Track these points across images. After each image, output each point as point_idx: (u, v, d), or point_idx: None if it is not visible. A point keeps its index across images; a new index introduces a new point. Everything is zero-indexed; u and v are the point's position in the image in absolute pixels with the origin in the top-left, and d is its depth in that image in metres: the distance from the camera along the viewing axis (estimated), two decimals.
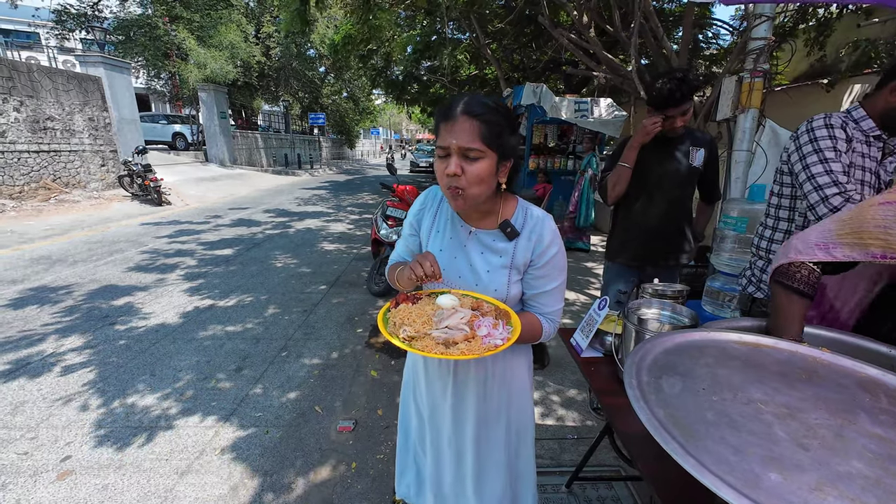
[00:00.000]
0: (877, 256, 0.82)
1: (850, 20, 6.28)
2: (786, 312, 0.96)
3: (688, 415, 0.71)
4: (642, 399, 0.73)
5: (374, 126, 37.57)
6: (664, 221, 1.92)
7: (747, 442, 0.64)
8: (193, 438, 2.10)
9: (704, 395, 0.75)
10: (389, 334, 0.84)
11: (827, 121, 1.27)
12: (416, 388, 1.12)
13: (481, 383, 0.98)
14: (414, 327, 0.85)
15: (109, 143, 9.46)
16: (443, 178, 0.86)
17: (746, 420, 0.69)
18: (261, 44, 16.29)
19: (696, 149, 1.89)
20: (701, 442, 0.65)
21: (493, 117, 0.83)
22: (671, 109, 1.71)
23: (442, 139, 0.84)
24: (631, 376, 0.79)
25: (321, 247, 6.01)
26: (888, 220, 0.84)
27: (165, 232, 6.57)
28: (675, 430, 0.67)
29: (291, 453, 2.03)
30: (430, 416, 1.06)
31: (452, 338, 0.80)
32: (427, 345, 0.80)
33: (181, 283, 4.32)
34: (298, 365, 2.83)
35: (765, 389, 0.75)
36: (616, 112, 6.61)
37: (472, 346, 0.79)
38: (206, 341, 3.11)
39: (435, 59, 8.91)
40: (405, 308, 0.90)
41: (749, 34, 3.48)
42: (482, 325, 0.83)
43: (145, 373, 2.67)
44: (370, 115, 26.92)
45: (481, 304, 0.88)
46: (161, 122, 15.00)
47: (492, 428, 1.00)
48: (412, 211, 1.06)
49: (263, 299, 3.96)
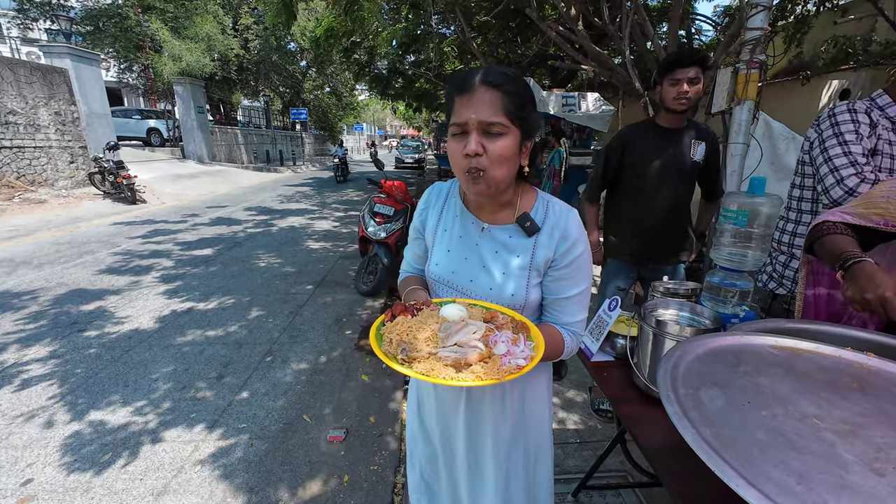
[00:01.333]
0: (879, 224, 0.90)
1: (827, 17, 6.40)
2: (836, 247, 0.89)
3: (736, 434, 0.62)
4: (685, 416, 0.64)
5: (357, 122, 37.06)
6: (664, 216, 1.85)
7: (811, 466, 0.56)
8: (171, 455, 1.95)
9: (751, 410, 0.67)
10: (385, 354, 0.69)
11: (850, 106, 1.23)
12: (421, 408, 1.01)
13: (498, 402, 0.88)
14: (415, 345, 0.69)
15: (78, 138, 9.00)
16: (459, 160, 0.74)
17: (804, 439, 0.61)
18: (239, 36, 15.77)
19: (697, 142, 1.82)
20: (759, 468, 0.56)
21: (516, 88, 0.73)
22: (679, 71, 1.63)
23: (458, 114, 0.73)
24: (667, 389, 0.71)
25: (306, 245, 5.82)
26: (892, 192, 0.92)
27: (140, 232, 6.27)
28: (727, 452, 0.59)
29: (278, 467, 1.90)
30: (442, 438, 0.95)
31: (465, 358, 0.66)
32: (433, 367, 0.65)
33: (157, 285, 4.10)
34: (284, 371, 2.69)
35: (817, 402, 0.67)
36: (604, 106, 6.60)
37: (490, 368, 0.65)
38: (185, 347, 2.93)
39: (420, 53, 8.75)
40: (403, 321, 0.74)
41: (736, 27, 3.48)
42: (499, 340, 0.69)
43: (117, 383, 2.49)
44: (354, 111, 26.47)
45: (496, 315, 0.75)
46: (135, 117, 14.41)
47: (511, 450, 0.90)
48: (416, 213, 0.95)
49: (246, 301, 3.78)
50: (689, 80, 1.63)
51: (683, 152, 1.81)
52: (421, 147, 20.79)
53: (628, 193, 1.91)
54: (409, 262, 1.00)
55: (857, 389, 0.70)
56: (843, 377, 0.74)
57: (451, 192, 0.93)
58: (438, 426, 0.95)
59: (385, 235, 3.90)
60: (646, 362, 1.08)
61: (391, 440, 2.10)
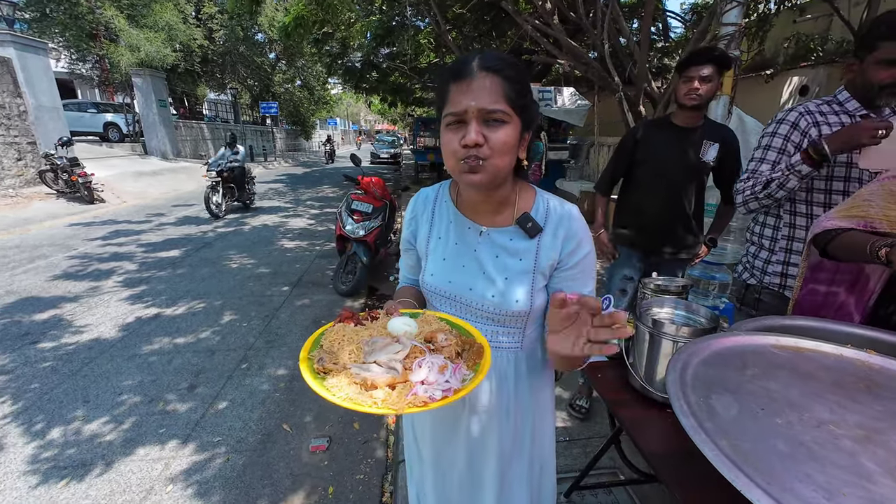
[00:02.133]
0: (859, 225, 0.94)
1: (787, 16, 6.66)
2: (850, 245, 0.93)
3: (755, 446, 0.60)
4: (701, 430, 0.61)
5: (331, 116, 36.21)
6: (662, 212, 1.86)
7: (836, 479, 0.54)
8: (139, 474, 1.81)
9: (766, 418, 0.64)
10: (306, 359, 0.65)
11: (797, 114, 1.32)
12: (414, 424, 0.95)
13: (504, 413, 0.83)
14: (337, 356, 0.65)
15: (26, 133, 8.35)
16: (455, 152, 0.67)
17: (824, 449, 0.58)
18: (202, 26, 15.03)
19: (709, 143, 1.80)
20: (783, 483, 0.54)
21: (516, 73, 0.67)
22: (693, 68, 1.64)
23: (454, 103, 0.66)
24: (678, 398, 0.67)
25: (280, 244, 5.62)
26: (872, 195, 0.97)
27: (99, 233, 5.88)
28: (748, 466, 0.56)
29: (258, 482, 1.80)
30: (435, 458, 0.89)
31: (373, 379, 0.60)
32: (339, 384, 0.60)
33: (119, 290, 3.84)
34: (261, 378, 2.57)
35: (830, 406, 0.65)
36: (579, 101, 6.65)
37: (391, 397, 0.59)
38: (152, 357, 2.75)
39: (395, 46, 8.56)
40: (341, 329, 0.70)
41: (706, 23, 3.54)
42: (422, 365, 0.63)
43: (77, 399, 2.31)
44: (327, 105, 25.81)
45: (435, 336, 0.69)
46: (90, 111, 13.49)
47: (514, 464, 0.85)
48: (404, 225, 0.90)
49: (218, 305, 3.60)
50: (703, 78, 1.62)
51: (691, 151, 1.79)
52: (397, 142, 20.51)
53: (636, 186, 1.95)
54: (404, 274, 0.97)
55: (864, 390, 0.69)
56: (849, 377, 0.72)
57: (439, 197, 0.87)
58: (431, 447, 0.89)
59: (364, 233, 3.79)
60: (642, 363, 1.06)
61: (377, 446, 2.03)
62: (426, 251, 0.85)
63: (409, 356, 0.65)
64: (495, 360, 0.80)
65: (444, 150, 0.71)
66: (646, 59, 3.87)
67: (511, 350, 0.82)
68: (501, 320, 0.79)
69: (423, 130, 12.96)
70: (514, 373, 0.82)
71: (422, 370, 0.62)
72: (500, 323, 0.79)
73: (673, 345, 0.98)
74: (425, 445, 0.90)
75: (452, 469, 0.86)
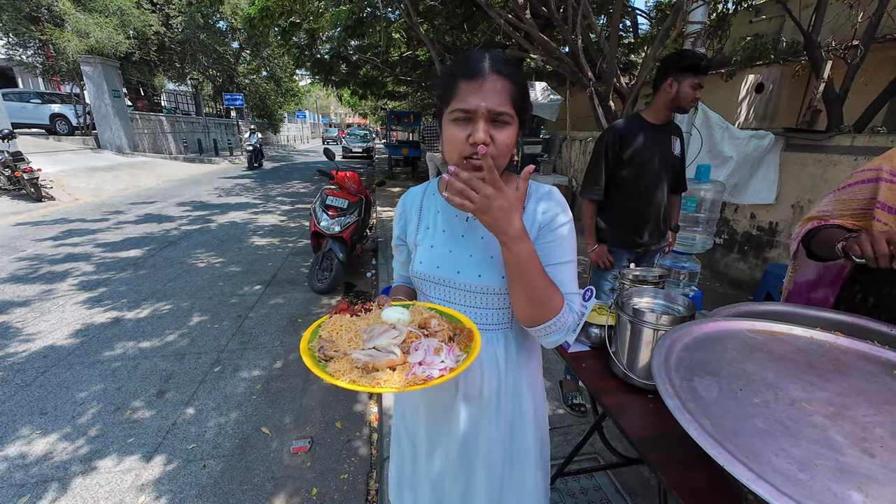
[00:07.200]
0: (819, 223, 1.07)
1: (744, 16, 6.99)
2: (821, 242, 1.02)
3: (736, 424, 0.63)
4: (685, 410, 0.64)
5: (300, 109, 35.16)
6: (652, 207, 1.92)
7: (809, 452, 0.57)
8: (106, 488, 1.72)
9: (745, 398, 0.67)
10: (307, 350, 0.69)
11: None
12: (405, 412, 0.95)
13: (495, 395, 0.84)
14: (337, 345, 0.70)
15: None
16: (460, 147, 0.71)
17: (798, 425, 0.62)
18: (158, 12, 14.17)
19: (675, 137, 1.92)
20: (762, 458, 0.57)
21: (520, 78, 0.73)
22: (700, 77, 1.72)
23: (464, 100, 0.70)
24: (664, 382, 0.70)
25: (251, 242, 5.43)
26: (829, 203, 1.10)
27: (49, 233, 5.48)
28: (730, 444, 0.59)
29: (237, 488, 1.74)
30: (429, 443, 0.89)
31: (374, 362, 0.64)
32: (341, 369, 0.65)
33: (75, 293, 3.61)
34: (236, 380, 2.48)
35: (802, 385, 0.69)
36: (552, 95, 6.74)
37: (393, 378, 0.63)
38: (115, 363, 2.60)
39: (366, 38, 8.38)
40: (338, 320, 0.76)
41: (671, 20, 3.66)
42: (419, 348, 0.67)
43: (32, 411, 2.16)
44: (295, 97, 24.99)
45: (429, 322, 0.73)
46: (33, 102, 12.50)
47: (507, 444, 0.87)
48: (394, 223, 0.95)
49: (185, 306, 3.44)
50: (695, 86, 1.73)
51: (668, 147, 1.89)
52: (369, 136, 20.18)
53: (623, 186, 1.92)
54: (397, 271, 0.99)
55: (833, 370, 0.74)
56: (819, 358, 0.77)
57: (427, 192, 0.92)
58: (426, 437, 0.90)
59: (339, 229, 3.71)
60: (624, 350, 1.09)
61: (360, 445, 2.01)
62: (415, 242, 0.88)
63: (405, 341, 0.69)
64: (485, 342, 0.83)
65: (446, 142, 0.75)
66: (615, 54, 3.96)
67: (500, 330, 0.85)
68: (490, 301, 0.82)
69: (396, 124, 12.74)
70: (504, 353, 0.85)
71: (419, 352, 0.67)
72: (489, 305, 0.82)
73: (654, 333, 1.01)
74: (419, 431, 0.91)
75: (447, 453, 0.88)
